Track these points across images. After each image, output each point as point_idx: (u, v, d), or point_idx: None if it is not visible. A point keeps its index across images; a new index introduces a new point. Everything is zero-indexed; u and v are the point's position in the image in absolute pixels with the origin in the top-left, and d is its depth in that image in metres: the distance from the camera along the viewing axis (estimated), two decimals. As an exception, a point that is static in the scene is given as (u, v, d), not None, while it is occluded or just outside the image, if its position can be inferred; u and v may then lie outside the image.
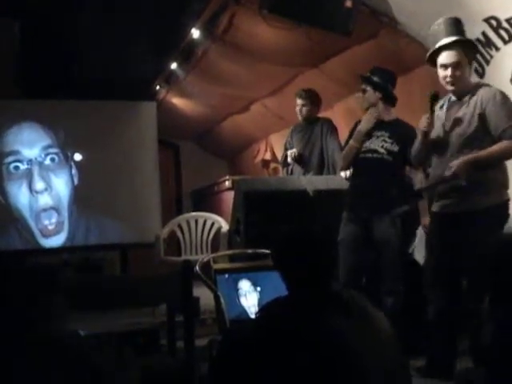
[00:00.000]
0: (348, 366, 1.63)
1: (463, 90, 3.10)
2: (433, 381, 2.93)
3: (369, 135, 3.69)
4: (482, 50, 4.09)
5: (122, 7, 4.57)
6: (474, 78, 3.55)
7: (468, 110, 3.04)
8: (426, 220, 3.67)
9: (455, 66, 3.04)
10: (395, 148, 3.62)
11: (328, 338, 1.67)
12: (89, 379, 1.33)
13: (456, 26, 3.11)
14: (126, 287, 3.24)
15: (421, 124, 3.16)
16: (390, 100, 3.74)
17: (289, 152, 4.90)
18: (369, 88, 3.72)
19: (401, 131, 3.65)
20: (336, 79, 5.34)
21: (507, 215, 3.04)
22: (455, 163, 2.95)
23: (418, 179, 4.00)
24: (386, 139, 3.65)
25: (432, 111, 3.13)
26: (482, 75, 3.98)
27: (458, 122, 3.07)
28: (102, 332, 2.52)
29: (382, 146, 3.65)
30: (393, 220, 3.55)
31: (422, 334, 3.20)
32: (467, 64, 3.09)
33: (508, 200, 3.06)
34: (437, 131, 3.16)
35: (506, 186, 3.09)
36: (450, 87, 3.11)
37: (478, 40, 4.05)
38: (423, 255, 3.60)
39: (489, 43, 4.06)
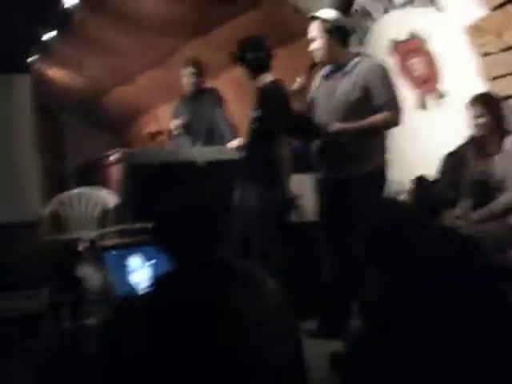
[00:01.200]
0: (234, 331, 1.63)
1: (339, 62, 3.18)
2: (323, 341, 3.00)
3: None
4: (361, 21, 4.21)
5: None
6: (354, 48, 3.64)
7: (350, 81, 3.12)
8: None
9: (315, 39, 3.15)
10: (257, 114, 3.61)
11: (213, 305, 1.67)
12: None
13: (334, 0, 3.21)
14: (7, 270, 3.08)
15: (293, 86, 3.22)
16: (258, 68, 3.67)
17: (174, 123, 4.81)
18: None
19: (266, 95, 3.62)
20: (221, 49, 5.27)
21: (385, 180, 3.17)
22: (336, 125, 3.04)
23: None
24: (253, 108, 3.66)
25: (308, 77, 3.21)
26: (361, 44, 4.11)
27: (339, 91, 3.14)
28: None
29: (249, 114, 3.67)
30: (261, 190, 3.54)
31: (313, 297, 3.27)
32: (329, 37, 3.15)
33: (386, 165, 3.19)
34: (319, 100, 3.22)
35: (385, 152, 3.22)
36: (317, 59, 3.20)
37: (356, 11, 4.17)
38: None
39: (367, 14, 4.19)
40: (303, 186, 3.71)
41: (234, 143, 4.62)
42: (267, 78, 3.64)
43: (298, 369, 1.76)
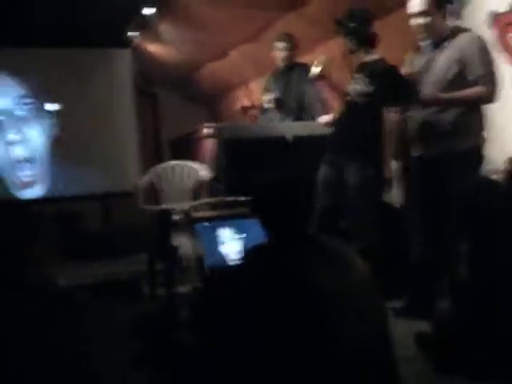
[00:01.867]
0: (322, 308, 1.66)
1: (439, 36, 3.09)
2: (411, 321, 2.99)
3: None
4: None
5: None
6: (451, 21, 3.52)
7: (447, 55, 3.05)
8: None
9: (422, 14, 3.03)
10: (369, 89, 3.54)
11: (302, 282, 1.69)
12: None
13: None
14: (105, 237, 3.24)
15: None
16: (366, 42, 3.63)
17: (265, 97, 4.85)
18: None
19: (378, 71, 3.56)
20: (315, 23, 5.23)
21: (483, 158, 3.09)
22: (430, 93, 2.97)
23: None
24: (361, 81, 3.59)
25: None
26: (458, 17, 3.94)
27: (437, 65, 3.07)
28: (84, 282, 2.51)
29: (355, 90, 3.59)
30: (364, 167, 3.51)
31: (401, 277, 3.25)
32: (437, 11, 3.04)
33: (484, 143, 3.10)
34: (417, 74, 3.16)
35: (483, 129, 3.13)
36: (421, 35, 3.10)
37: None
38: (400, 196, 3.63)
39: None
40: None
41: (325, 118, 4.60)
42: (375, 54, 3.61)
43: (384, 346, 1.77)
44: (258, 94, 6.35)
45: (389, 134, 3.55)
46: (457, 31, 3.11)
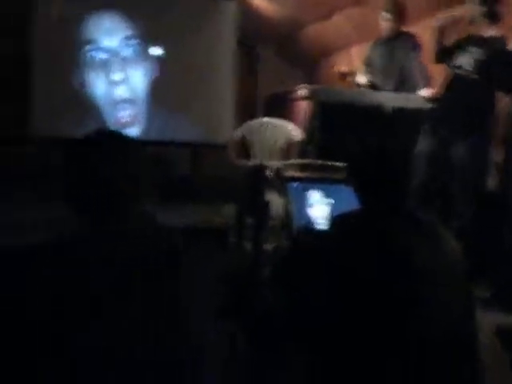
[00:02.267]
0: (412, 284, 1.65)
1: None
2: (497, 312, 2.93)
3: (462, 48, 3.53)
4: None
5: None
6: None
7: None
8: None
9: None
10: (484, 66, 3.43)
11: (395, 253, 1.68)
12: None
13: None
14: (197, 186, 3.31)
15: None
16: (491, 15, 3.50)
17: (360, 76, 4.79)
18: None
19: (495, 49, 3.44)
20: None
21: None
22: None
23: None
24: (477, 56, 3.47)
25: None
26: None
27: None
28: (173, 226, 2.59)
29: (470, 64, 3.48)
30: (473, 144, 3.43)
31: (490, 264, 3.18)
32: None
33: None
34: None
35: None
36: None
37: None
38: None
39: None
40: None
41: (426, 92, 4.48)
42: (495, 30, 3.49)
43: (468, 329, 1.76)
44: (358, 60, 6.24)
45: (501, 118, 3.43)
46: None
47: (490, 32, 3.48)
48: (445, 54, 3.71)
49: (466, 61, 3.46)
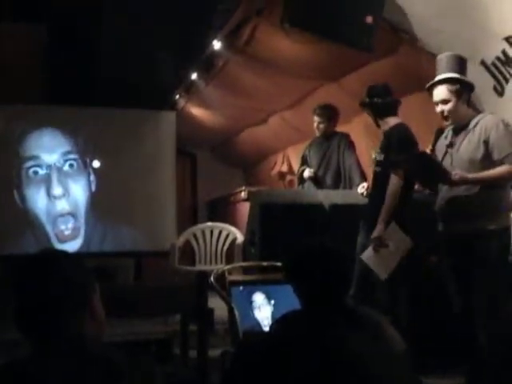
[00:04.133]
0: (359, 382, 1.64)
1: (462, 121, 3.24)
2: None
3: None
4: (502, 69, 4.10)
5: (147, 18, 4.62)
6: (494, 97, 3.59)
7: (473, 138, 3.17)
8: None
9: (443, 102, 3.21)
10: (381, 158, 3.72)
11: (340, 353, 1.67)
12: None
13: (452, 62, 3.26)
14: (140, 296, 3.25)
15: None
16: (381, 111, 3.82)
17: (307, 170, 4.92)
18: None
19: (388, 139, 3.74)
20: (355, 94, 5.33)
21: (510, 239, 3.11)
22: (458, 173, 3.03)
23: None
24: (378, 150, 3.77)
25: (434, 143, 3.32)
26: (501, 94, 4.00)
27: (462, 149, 3.16)
28: (114, 340, 2.52)
29: (375, 158, 3.77)
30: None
31: (435, 352, 3.19)
32: (457, 99, 3.21)
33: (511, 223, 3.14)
34: (442, 159, 3.23)
35: (510, 210, 3.20)
36: (445, 121, 3.29)
37: (497, 58, 4.07)
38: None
39: (508, 61, 4.08)
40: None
41: (362, 187, 4.63)
42: (392, 121, 3.77)
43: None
44: (295, 160, 6.45)
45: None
46: (478, 116, 3.23)
47: (387, 125, 3.82)
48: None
49: (374, 157, 3.77)
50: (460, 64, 3.27)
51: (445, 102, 3.20)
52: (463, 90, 3.22)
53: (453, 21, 3.80)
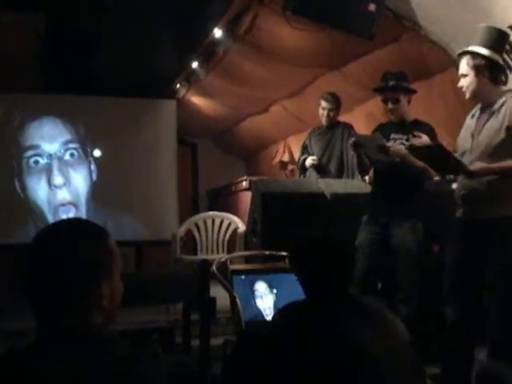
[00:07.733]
0: (363, 370, 1.63)
1: (485, 101, 3.05)
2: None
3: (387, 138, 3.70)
4: (506, 57, 4.05)
5: (147, 6, 4.58)
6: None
7: (497, 121, 2.96)
8: None
9: (463, 76, 3.04)
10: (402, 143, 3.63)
11: (343, 342, 1.67)
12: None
13: (485, 35, 3.03)
14: (141, 285, 3.24)
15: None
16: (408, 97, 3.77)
17: (310, 158, 4.89)
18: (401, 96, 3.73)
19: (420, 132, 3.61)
20: (356, 82, 5.32)
21: None
22: (477, 164, 2.94)
23: None
24: (404, 142, 3.64)
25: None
26: (504, 82, 3.95)
27: (484, 132, 3.03)
28: (116, 330, 2.50)
29: (399, 149, 3.63)
30: (413, 226, 3.54)
31: (436, 341, 3.18)
32: (476, 74, 3.01)
33: None
34: (466, 140, 3.12)
35: None
36: (466, 96, 3.10)
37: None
38: None
39: (513, 50, 4.02)
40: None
41: (365, 178, 4.61)
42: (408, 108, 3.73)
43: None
44: (296, 149, 6.43)
45: None
46: (505, 95, 3.02)
47: (410, 116, 3.72)
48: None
49: (394, 147, 3.65)
50: (493, 39, 3.04)
51: (464, 76, 3.04)
52: (485, 66, 3.00)
53: (456, 9, 3.77)
